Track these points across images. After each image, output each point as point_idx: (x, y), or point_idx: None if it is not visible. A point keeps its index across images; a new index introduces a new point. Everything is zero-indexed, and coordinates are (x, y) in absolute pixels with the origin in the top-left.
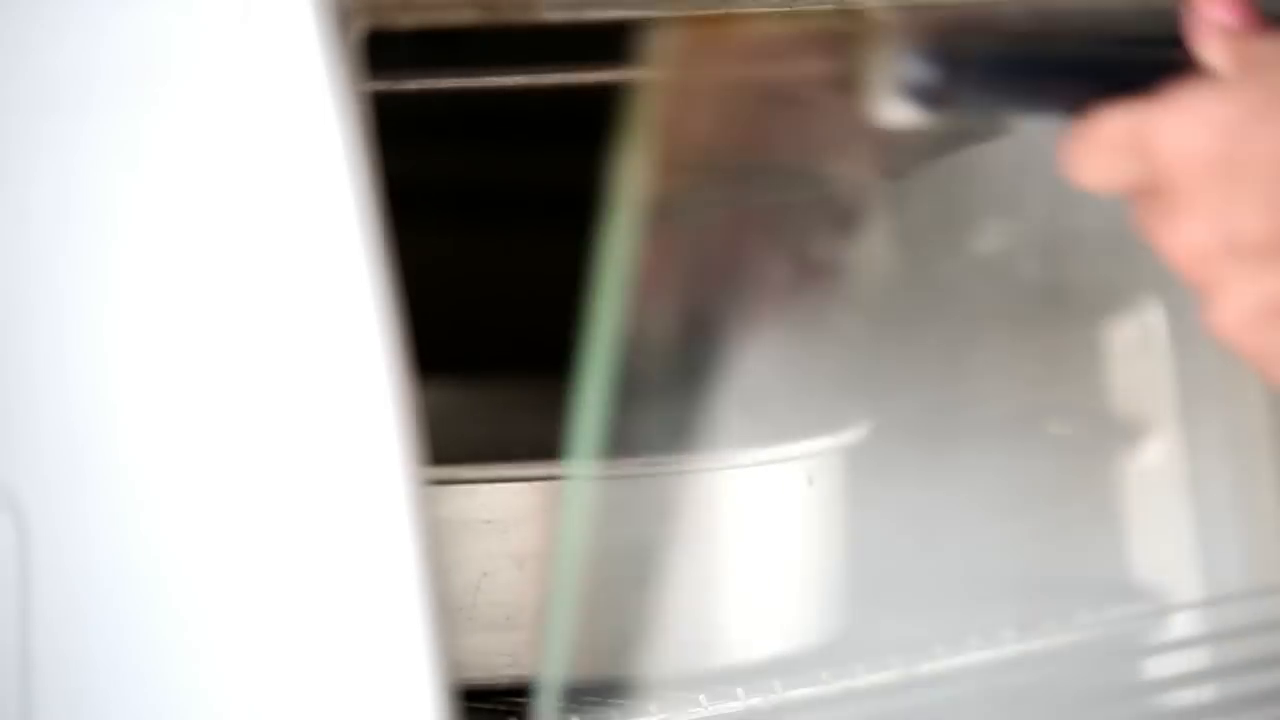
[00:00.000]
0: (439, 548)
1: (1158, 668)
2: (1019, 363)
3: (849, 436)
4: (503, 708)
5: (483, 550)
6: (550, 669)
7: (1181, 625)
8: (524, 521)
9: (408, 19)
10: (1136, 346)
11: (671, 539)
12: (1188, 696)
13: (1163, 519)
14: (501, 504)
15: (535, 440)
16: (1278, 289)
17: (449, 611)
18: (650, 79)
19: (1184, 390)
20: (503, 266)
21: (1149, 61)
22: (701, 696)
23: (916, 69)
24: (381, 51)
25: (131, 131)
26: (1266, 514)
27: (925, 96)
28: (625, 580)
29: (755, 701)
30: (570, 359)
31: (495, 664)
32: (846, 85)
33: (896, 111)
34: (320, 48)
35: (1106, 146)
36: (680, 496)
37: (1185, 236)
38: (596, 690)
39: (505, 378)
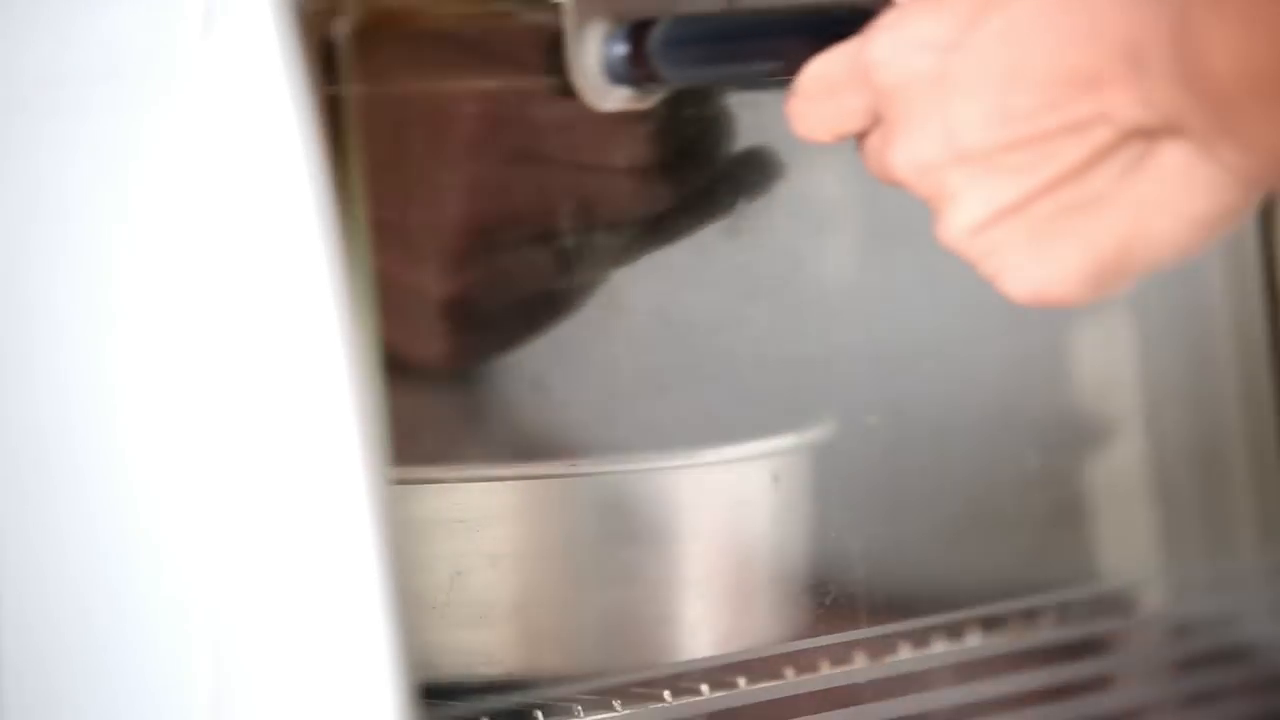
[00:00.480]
0: (409, 546)
1: (1120, 666)
2: (983, 363)
3: (814, 435)
4: (475, 704)
5: (455, 549)
6: None
7: (1146, 623)
8: (496, 520)
9: (385, 22)
10: (1102, 347)
11: (636, 537)
12: (1151, 693)
13: (1129, 520)
14: (474, 503)
15: (508, 439)
16: (1003, 194)
17: (422, 610)
18: (355, 93)
19: (1149, 391)
20: None
21: (847, 11)
22: (666, 693)
23: (611, 45)
24: (365, 54)
25: (96, 138)
26: (1233, 515)
27: (626, 73)
28: (589, 578)
29: (719, 696)
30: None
31: (469, 662)
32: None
33: (608, 95)
34: (281, 54)
35: (826, 89)
36: (644, 495)
37: (910, 153)
38: (561, 686)
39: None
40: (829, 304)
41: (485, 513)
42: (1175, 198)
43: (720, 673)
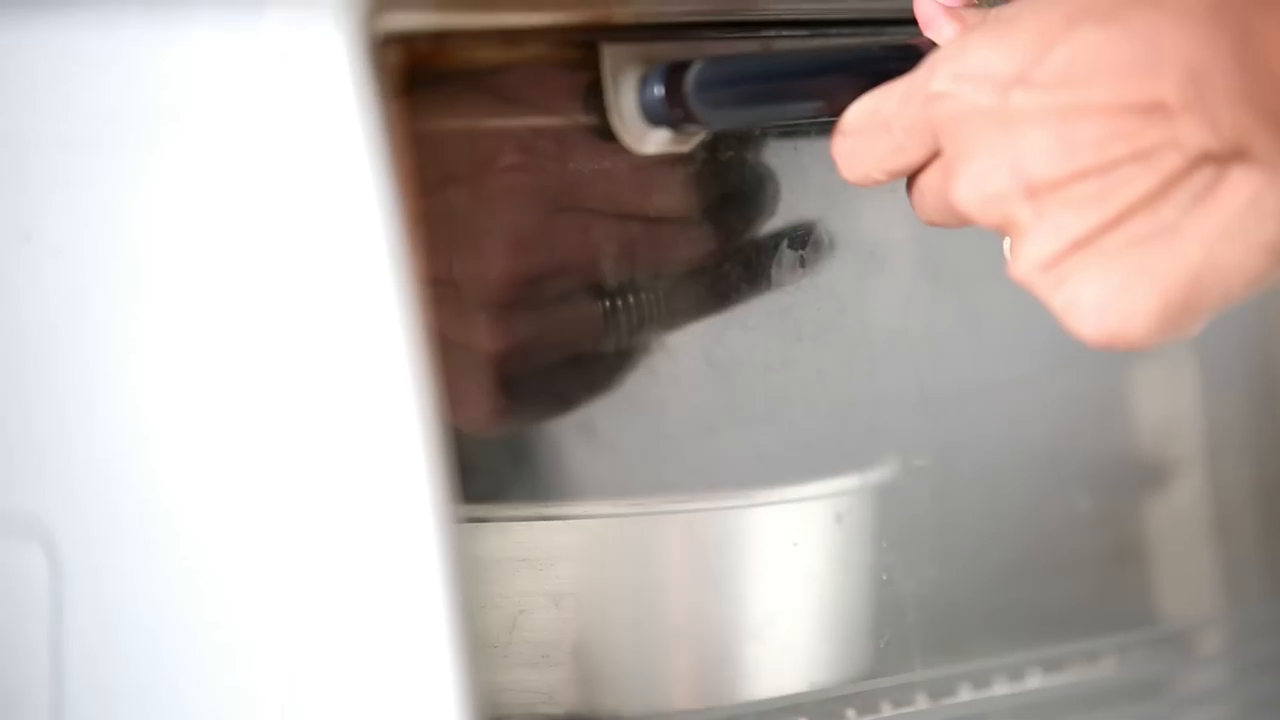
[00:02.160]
0: (473, 585)
1: (1181, 708)
2: (1034, 405)
3: (877, 475)
4: None
5: (519, 588)
6: None
7: (1207, 665)
8: (560, 560)
9: (446, 58)
10: (1163, 387)
11: (699, 577)
12: None
13: (1190, 561)
14: (538, 542)
15: (558, 480)
16: (1074, 226)
17: (485, 649)
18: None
19: (1211, 431)
20: None
21: (891, 50)
22: None
23: (648, 87)
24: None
25: (164, 174)
26: None
27: (663, 115)
28: (651, 618)
29: None
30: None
31: (531, 701)
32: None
33: (646, 137)
34: (355, 88)
35: (880, 126)
36: (708, 534)
37: (977, 184)
38: None
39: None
40: (876, 346)
41: (549, 552)
42: (1245, 226)
43: (781, 714)
